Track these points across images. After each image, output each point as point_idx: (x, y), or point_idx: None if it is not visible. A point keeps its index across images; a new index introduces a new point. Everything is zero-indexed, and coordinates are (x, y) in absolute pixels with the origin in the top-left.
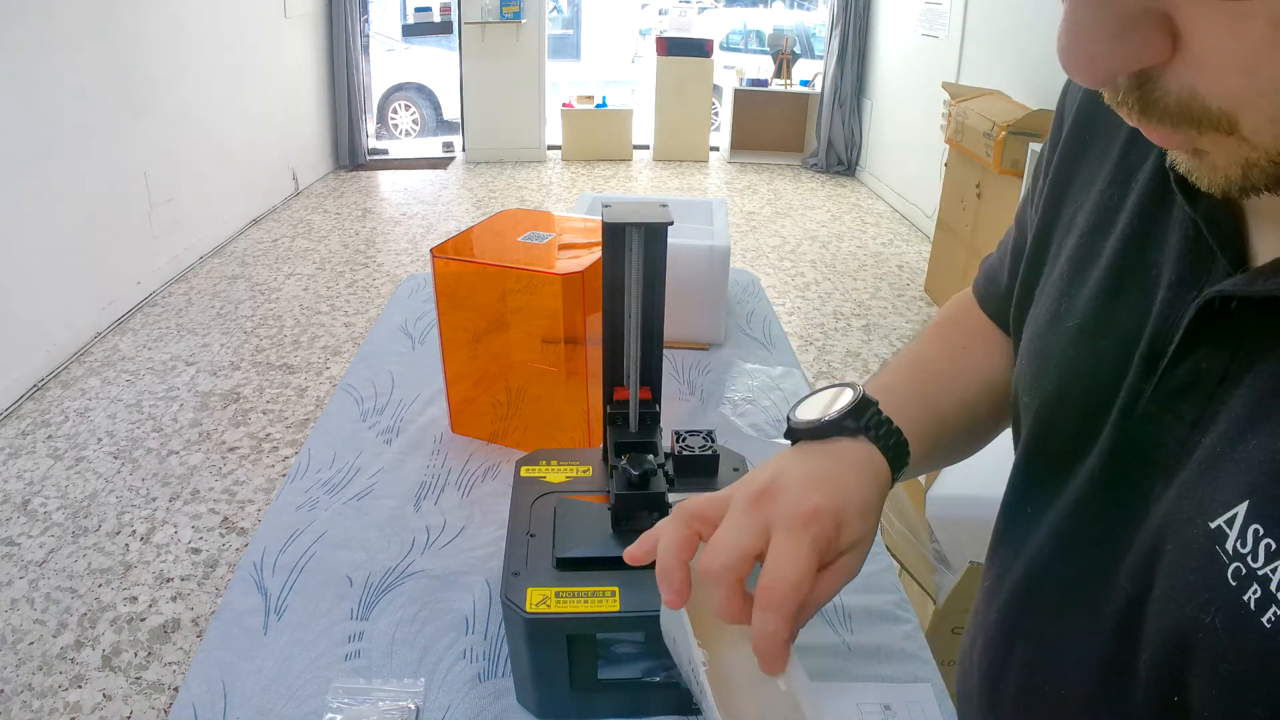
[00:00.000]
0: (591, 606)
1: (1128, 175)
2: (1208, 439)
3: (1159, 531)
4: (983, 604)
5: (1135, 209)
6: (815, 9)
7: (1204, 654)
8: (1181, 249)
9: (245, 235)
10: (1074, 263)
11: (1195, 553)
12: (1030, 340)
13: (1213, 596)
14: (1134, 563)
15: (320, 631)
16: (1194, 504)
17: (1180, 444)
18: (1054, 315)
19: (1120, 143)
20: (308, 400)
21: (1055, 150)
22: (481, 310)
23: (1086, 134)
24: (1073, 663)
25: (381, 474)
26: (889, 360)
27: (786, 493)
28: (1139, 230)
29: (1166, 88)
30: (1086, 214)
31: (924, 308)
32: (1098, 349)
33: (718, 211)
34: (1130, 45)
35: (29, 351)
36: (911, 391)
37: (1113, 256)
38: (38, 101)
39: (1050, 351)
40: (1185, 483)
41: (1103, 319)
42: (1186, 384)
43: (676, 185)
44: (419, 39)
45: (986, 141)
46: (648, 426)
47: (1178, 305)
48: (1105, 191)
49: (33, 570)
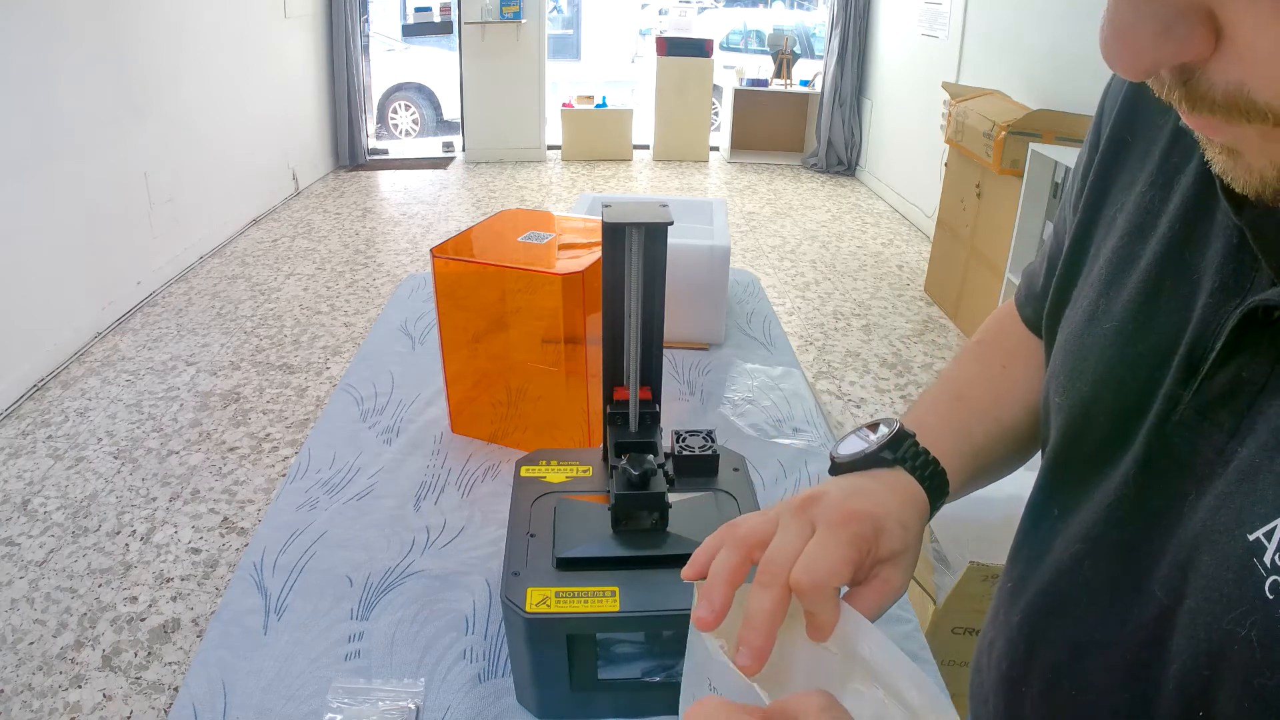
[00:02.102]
0: (591, 606)
1: (1170, 178)
2: (1245, 449)
3: (1194, 541)
4: (1003, 606)
5: (1177, 213)
6: (815, 9)
7: (1238, 667)
8: (1224, 256)
9: (245, 235)
10: (1113, 264)
11: (1232, 565)
12: (1066, 340)
13: (1249, 609)
14: (1167, 571)
15: (320, 631)
16: (1231, 515)
17: (1217, 453)
18: (1091, 316)
19: (1162, 144)
20: (308, 400)
21: (1096, 151)
22: (481, 310)
23: (1128, 135)
24: (1099, 669)
25: (381, 474)
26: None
27: (829, 497)
28: (1180, 235)
29: (1213, 82)
30: (1127, 215)
31: (924, 308)
32: (1134, 353)
33: (718, 211)
34: (1173, 39)
35: (29, 351)
36: (949, 423)
37: (1153, 260)
38: (38, 101)
39: (1086, 352)
40: (1222, 493)
41: (1141, 322)
42: (1226, 392)
43: (676, 185)
44: (419, 39)
45: (986, 141)
46: (648, 426)
47: (1219, 312)
48: (1146, 194)
49: (33, 570)
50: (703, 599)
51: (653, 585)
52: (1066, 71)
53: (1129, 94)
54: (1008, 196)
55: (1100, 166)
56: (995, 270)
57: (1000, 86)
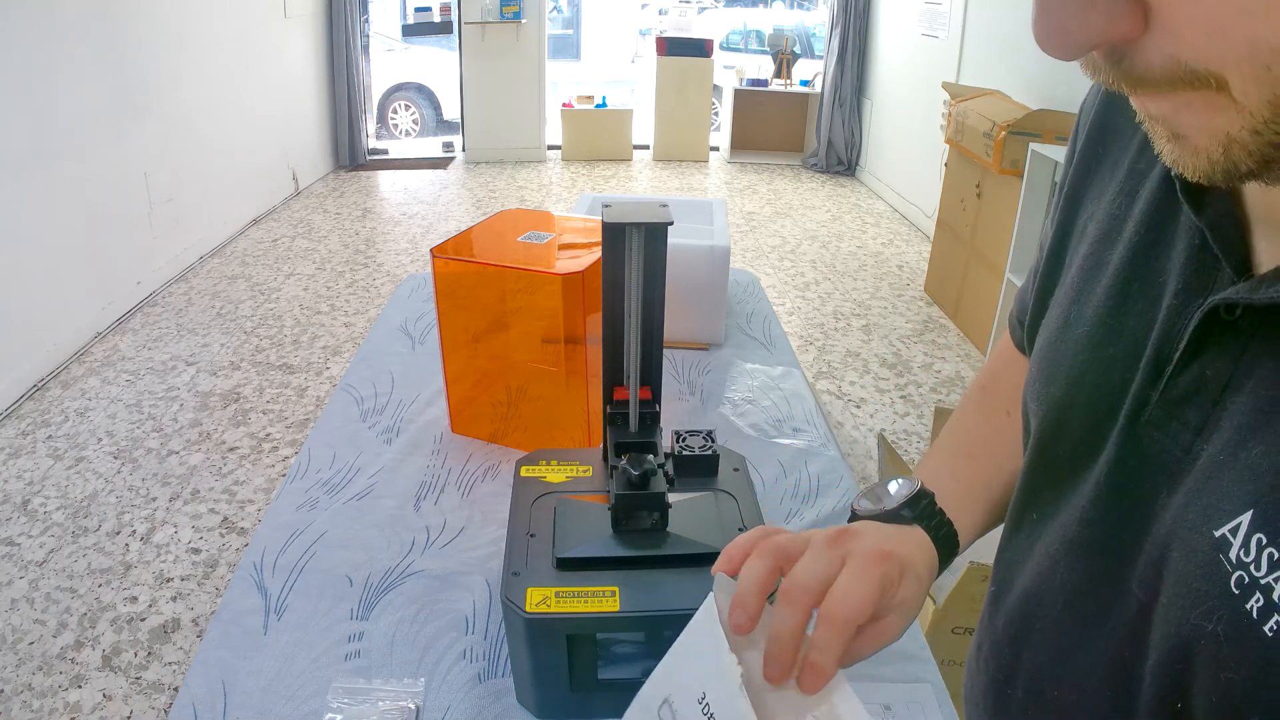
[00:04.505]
0: (591, 606)
1: (1136, 185)
2: (1211, 446)
3: (1166, 539)
4: (987, 611)
5: (1142, 217)
6: (815, 9)
7: (1206, 661)
8: (1187, 257)
9: (245, 235)
10: (1084, 271)
11: (1199, 561)
12: (1041, 349)
13: (1216, 605)
14: (1144, 570)
15: (320, 631)
16: (1198, 512)
17: (1185, 450)
18: (1064, 323)
19: (1131, 154)
20: (308, 400)
21: (1070, 162)
22: (481, 310)
23: (1100, 145)
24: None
25: (381, 474)
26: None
27: (865, 534)
28: (1146, 239)
29: (1149, 60)
30: (1097, 223)
31: (924, 308)
32: (1105, 356)
33: (718, 211)
34: (1098, 13)
35: (29, 351)
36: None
37: (1120, 265)
38: (38, 101)
39: (1059, 359)
40: (1190, 490)
41: (1111, 327)
42: (1191, 390)
43: (676, 185)
44: (419, 39)
45: (986, 141)
46: (648, 426)
47: (1183, 313)
48: (1115, 200)
49: (33, 570)
50: (737, 607)
51: (653, 585)
52: (1066, 71)
53: (1101, 106)
54: (1008, 196)
55: (1074, 177)
56: (995, 270)
57: (1000, 86)
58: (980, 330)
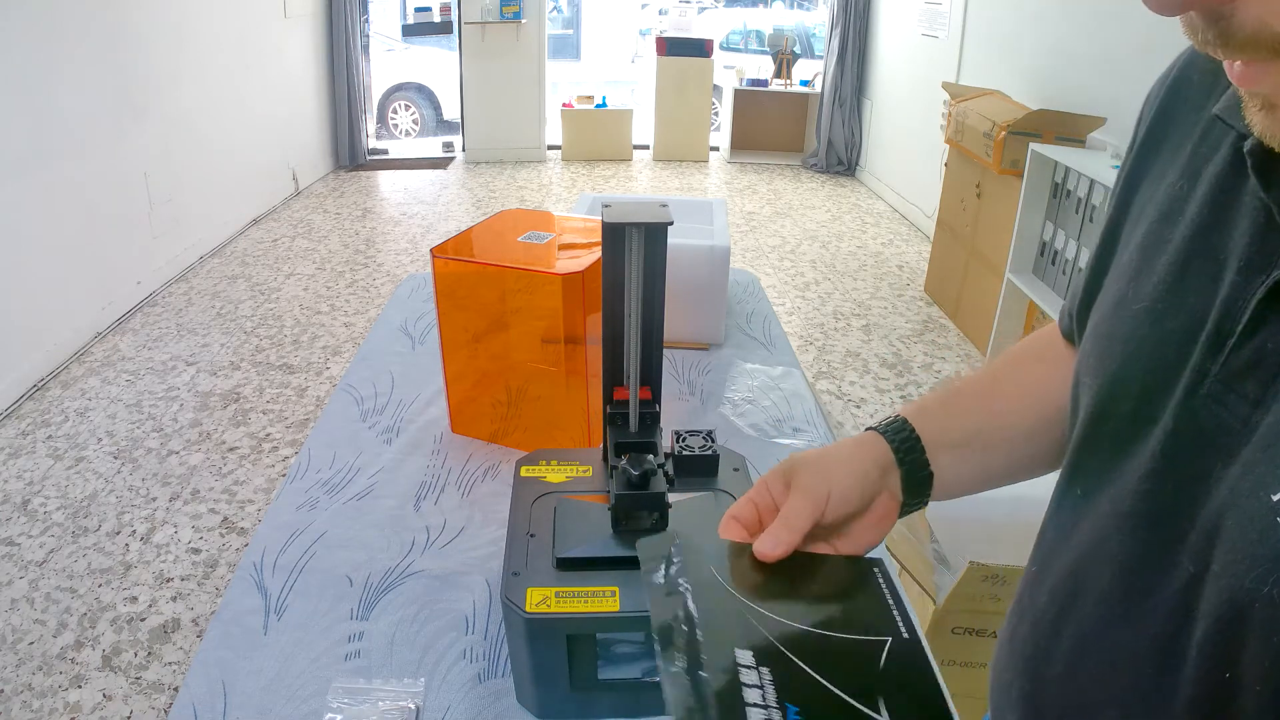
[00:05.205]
0: (591, 606)
1: (1198, 168)
2: (1270, 417)
3: (1220, 509)
4: (1027, 591)
5: (1205, 198)
6: (815, 9)
7: (1259, 626)
8: (1251, 235)
9: (245, 235)
10: (1142, 249)
11: (1256, 525)
12: (1095, 325)
13: (1272, 567)
14: (1196, 541)
15: (320, 631)
16: (1255, 479)
17: (1243, 423)
18: (1120, 299)
19: (1193, 139)
20: (308, 400)
21: (1132, 149)
22: (481, 310)
23: (1162, 133)
24: (1123, 644)
25: (381, 474)
26: None
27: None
28: (1208, 218)
29: (1242, 23)
30: (1156, 204)
31: (924, 308)
32: (1163, 331)
33: (718, 211)
34: None
35: (29, 351)
36: (935, 399)
37: (1181, 243)
38: (38, 101)
39: (1115, 333)
40: (1247, 460)
41: (1170, 302)
42: (1251, 363)
43: (676, 185)
44: (419, 39)
45: (986, 141)
46: (648, 426)
47: (1246, 288)
48: (1175, 183)
49: (33, 570)
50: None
51: None
52: (1066, 71)
53: (1166, 94)
54: (1008, 196)
55: (1134, 162)
56: (995, 270)
57: (1000, 86)
58: (980, 330)
